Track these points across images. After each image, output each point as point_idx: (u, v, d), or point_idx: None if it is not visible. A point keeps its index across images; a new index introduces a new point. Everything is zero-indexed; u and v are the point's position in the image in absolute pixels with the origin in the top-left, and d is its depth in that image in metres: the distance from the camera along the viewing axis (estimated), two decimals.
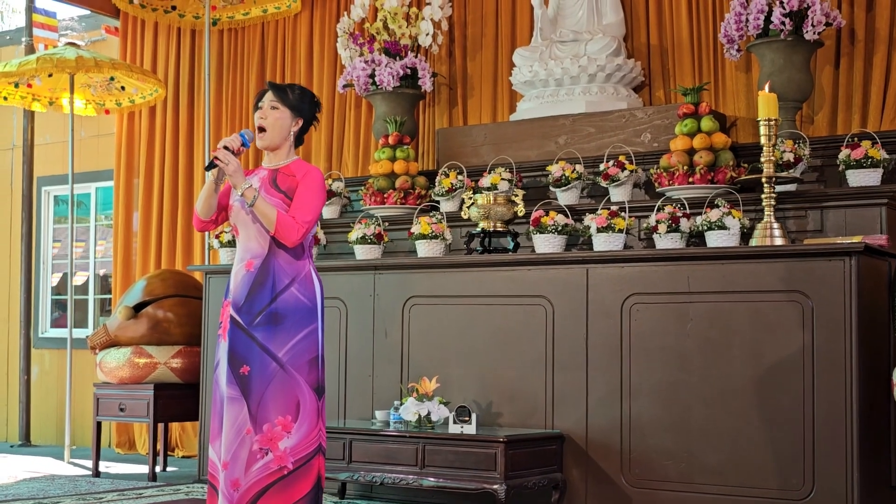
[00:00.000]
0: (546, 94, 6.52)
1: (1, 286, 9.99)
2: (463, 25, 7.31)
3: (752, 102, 6.10)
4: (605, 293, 5.24)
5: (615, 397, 5.17)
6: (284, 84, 4.17)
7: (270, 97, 4.07)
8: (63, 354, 8.96)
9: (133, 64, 8.48)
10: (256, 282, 3.96)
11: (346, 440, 5.37)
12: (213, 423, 4.02)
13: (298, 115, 4.09)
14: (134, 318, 7.05)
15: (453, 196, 6.28)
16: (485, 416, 5.47)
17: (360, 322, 5.95)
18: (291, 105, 4.07)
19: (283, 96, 4.07)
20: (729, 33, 5.86)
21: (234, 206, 4.07)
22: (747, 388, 4.85)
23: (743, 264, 4.91)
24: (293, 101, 4.07)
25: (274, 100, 4.06)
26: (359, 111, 7.61)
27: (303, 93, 4.13)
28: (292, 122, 4.08)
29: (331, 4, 7.84)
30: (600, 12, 6.62)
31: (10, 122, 10.06)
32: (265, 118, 4.05)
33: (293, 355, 3.94)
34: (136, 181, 8.74)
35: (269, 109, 4.06)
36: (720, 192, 5.45)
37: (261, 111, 4.06)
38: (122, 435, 8.55)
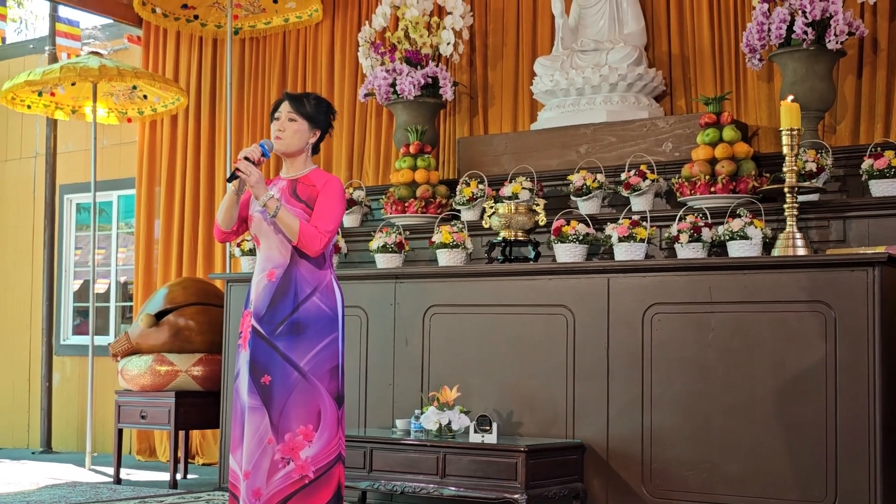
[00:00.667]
0: (567, 104, 6.53)
1: (23, 293, 10.04)
2: (484, 35, 7.32)
3: (775, 112, 6.09)
4: (627, 303, 5.23)
5: (636, 407, 5.16)
6: (301, 93, 4.18)
7: (288, 108, 4.08)
8: (84, 361, 9.01)
9: (155, 73, 8.53)
10: (278, 291, 3.98)
11: (367, 449, 5.38)
12: (234, 433, 4.03)
13: (316, 125, 4.11)
14: (155, 326, 7.08)
15: (474, 205, 6.29)
16: (505, 425, 5.47)
17: (380, 331, 5.96)
18: (309, 116, 4.09)
19: (301, 107, 4.08)
20: (751, 43, 5.85)
21: (255, 216, 4.08)
22: (769, 398, 4.83)
23: (765, 274, 4.90)
24: (311, 112, 4.09)
25: (291, 111, 4.07)
26: (380, 120, 7.63)
27: (318, 102, 4.14)
28: (310, 132, 4.10)
29: (352, 14, 7.87)
30: (621, 21, 6.61)
31: (33, 131, 10.12)
32: (283, 130, 4.07)
33: (315, 364, 3.95)
34: (157, 189, 8.78)
35: (286, 120, 4.07)
36: (742, 202, 5.44)
37: (278, 122, 4.08)
38: (142, 442, 8.58)
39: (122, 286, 9.71)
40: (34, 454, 9.23)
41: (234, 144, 8.02)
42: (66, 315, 9.88)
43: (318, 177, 4.09)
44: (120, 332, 9.37)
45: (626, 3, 6.60)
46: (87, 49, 9.24)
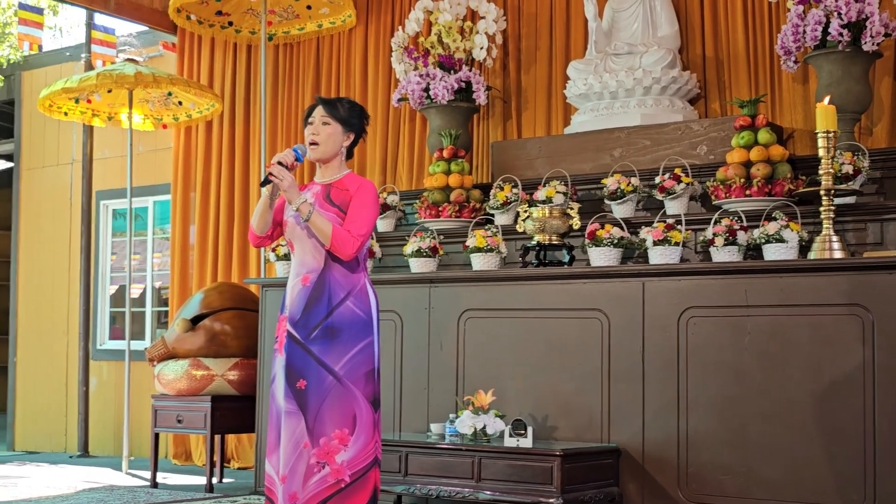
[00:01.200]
0: (601, 107, 6.51)
1: (60, 299, 10.14)
2: (517, 39, 7.32)
3: (810, 114, 6.05)
4: (662, 306, 5.21)
5: (672, 411, 5.14)
6: (334, 98, 4.20)
7: (321, 112, 4.10)
8: (121, 366, 9.08)
9: (190, 79, 8.59)
10: (312, 296, 3.99)
11: (402, 453, 5.39)
12: (270, 437, 4.05)
13: (349, 129, 4.12)
14: (191, 331, 7.13)
15: (508, 209, 6.29)
16: (540, 429, 5.46)
17: (415, 335, 5.97)
18: (343, 119, 4.10)
19: (334, 111, 4.10)
20: (786, 45, 5.81)
21: (289, 221, 4.10)
22: (806, 402, 4.80)
23: (802, 277, 4.87)
24: (344, 116, 4.11)
25: (325, 115, 4.09)
26: (413, 125, 7.65)
27: (352, 107, 4.16)
28: (344, 136, 4.11)
29: (385, 19, 7.89)
30: (655, 24, 6.60)
31: (69, 138, 10.22)
32: (317, 133, 4.09)
33: (350, 368, 3.96)
34: (192, 195, 8.84)
35: (320, 125, 4.09)
36: (778, 205, 5.41)
37: (312, 126, 4.10)
38: (178, 446, 8.63)
39: (157, 291, 9.78)
40: (72, 458, 9.31)
41: (268, 150, 8.06)
42: (102, 320, 9.96)
43: (351, 181, 4.10)
44: (156, 336, 9.44)
45: (660, 6, 6.59)
46: (122, 56, 9.32)
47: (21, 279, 10.54)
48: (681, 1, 6.68)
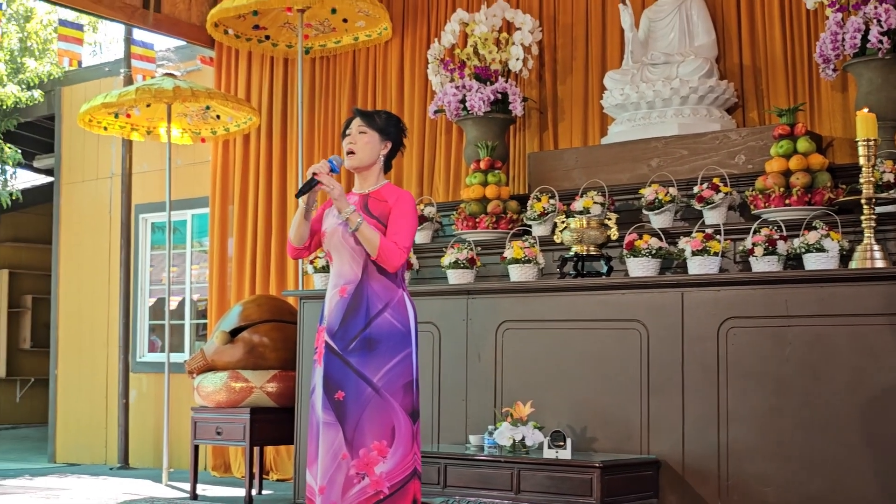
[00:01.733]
0: (638, 117, 6.50)
1: (100, 312, 10.23)
2: (553, 49, 7.32)
3: (850, 122, 6.00)
4: (701, 317, 5.18)
5: (712, 422, 5.10)
6: (371, 110, 4.23)
7: (358, 122, 4.13)
8: (160, 378, 9.14)
9: (228, 93, 8.65)
10: (350, 307, 4.00)
11: (441, 465, 5.38)
12: (310, 448, 4.06)
13: (386, 137, 4.15)
14: (230, 343, 7.16)
15: (545, 220, 6.28)
16: (579, 440, 5.44)
17: (453, 346, 5.97)
18: (379, 128, 4.13)
19: (371, 121, 4.14)
20: (825, 53, 5.77)
21: (327, 232, 4.12)
22: (849, 414, 4.75)
23: (843, 287, 4.82)
24: (380, 125, 4.14)
25: (361, 124, 4.13)
26: (450, 136, 7.66)
27: (389, 117, 4.20)
28: (381, 145, 4.14)
29: (421, 31, 7.92)
30: (692, 34, 6.58)
31: (109, 152, 10.33)
32: (354, 142, 4.12)
33: (388, 380, 3.96)
34: (230, 208, 8.89)
35: (357, 134, 4.12)
36: (818, 214, 5.36)
37: (349, 136, 4.14)
38: (217, 458, 8.67)
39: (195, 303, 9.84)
40: (112, 470, 9.38)
41: (305, 162, 8.09)
42: (142, 333, 10.04)
43: (389, 192, 4.12)
44: (195, 349, 9.49)
45: (697, 16, 6.57)
46: (161, 71, 9.40)
47: (62, 292, 10.65)
48: (718, 10, 6.66)
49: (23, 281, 14.44)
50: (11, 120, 11.92)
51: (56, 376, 10.59)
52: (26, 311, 14.42)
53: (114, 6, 8.31)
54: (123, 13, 8.41)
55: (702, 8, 6.60)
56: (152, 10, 8.53)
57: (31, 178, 13.81)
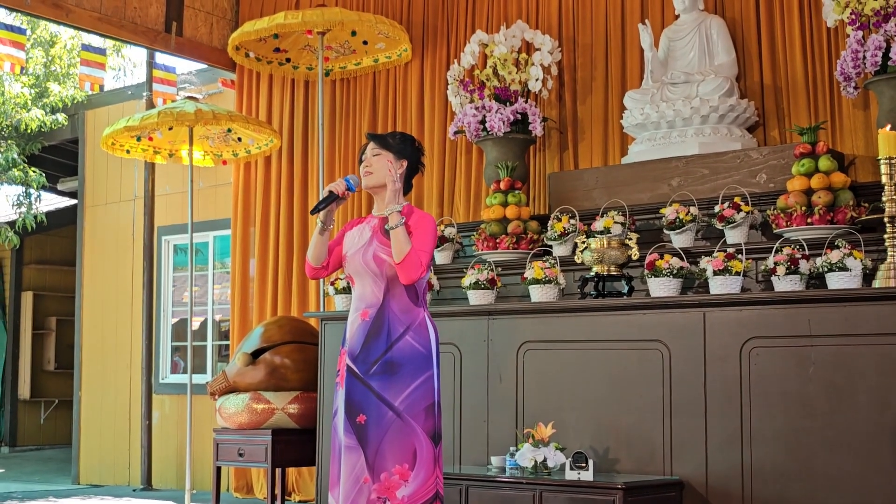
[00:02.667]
0: (658, 137, 6.49)
1: (123, 333, 10.27)
2: (573, 69, 7.32)
3: (871, 140, 5.97)
4: (723, 337, 5.15)
5: (735, 443, 5.07)
6: (384, 133, 4.25)
7: (372, 146, 4.17)
8: (183, 400, 9.17)
9: (249, 116, 8.69)
10: (372, 331, 4.01)
11: (463, 486, 5.37)
12: (333, 470, 4.06)
13: (401, 156, 4.16)
14: (252, 365, 7.17)
15: (566, 240, 6.27)
16: (601, 462, 5.41)
17: (474, 367, 5.96)
18: (393, 148, 4.15)
19: (384, 142, 4.17)
20: (846, 71, 5.75)
21: (349, 256, 4.12)
22: (875, 434, 4.70)
23: (867, 306, 4.79)
24: (394, 145, 4.16)
25: (375, 147, 4.15)
26: (469, 157, 7.67)
27: (403, 137, 4.22)
28: (396, 163, 4.14)
29: (441, 53, 7.94)
30: (712, 53, 6.57)
31: (131, 174, 10.39)
32: (369, 165, 4.14)
33: (410, 403, 3.96)
34: (252, 229, 8.93)
35: (371, 157, 4.14)
36: (840, 233, 5.33)
37: (365, 161, 4.16)
38: (240, 479, 8.67)
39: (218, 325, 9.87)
40: (135, 491, 9.40)
41: (325, 184, 8.11)
42: (164, 354, 10.07)
43: (409, 213, 4.12)
44: (217, 370, 9.51)
45: (717, 35, 6.56)
46: (182, 94, 9.47)
47: (85, 314, 10.70)
48: (737, 29, 6.65)
49: (47, 303, 14.53)
50: (36, 144, 12.03)
51: (80, 398, 10.64)
52: (51, 332, 14.50)
53: (136, 31, 8.39)
54: (146, 37, 8.49)
55: (721, 27, 6.59)
56: (174, 35, 8.60)
57: (55, 200, 13.92)
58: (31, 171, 11.95)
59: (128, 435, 10.13)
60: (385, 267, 4.02)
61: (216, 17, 8.96)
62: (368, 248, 4.06)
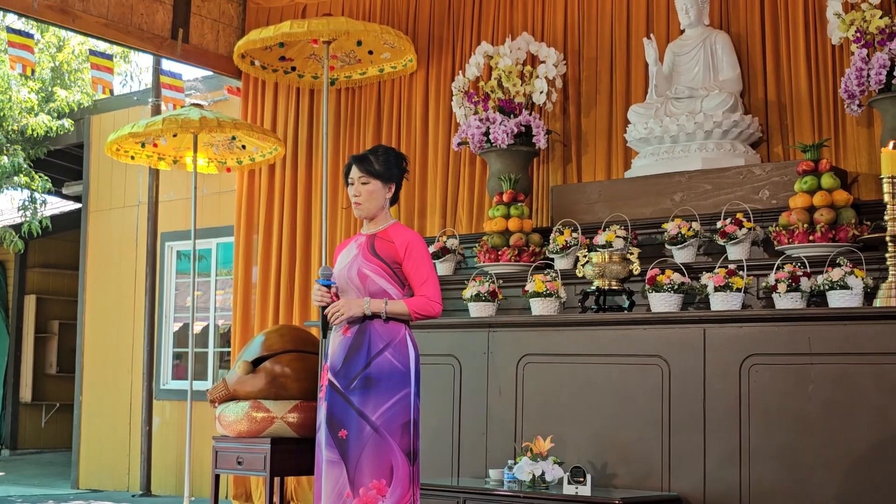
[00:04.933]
0: (661, 151, 6.48)
1: (125, 338, 10.28)
2: (577, 83, 7.33)
3: (875, 158, 5.97)
4: (723, 353, 5.14)
5: (734, 460, 5.06)
6: (367, 152, 4.24)
7: (357, 172, 4.16)
8: (183, 406, 9.17)
9: (254, 123, 8.71)
10: (353, 346, 4.05)
11: (460, 499, 5.36)
12: (317, 485, 4.09)
13: (389, 181, 4.18)
14: (252, 373, 7.16)
15: (568, 253, 6.27)
16: (600, 476, 5.40)
17: (473, 379, 5.96)
18: (380, 174, 4.16)
19: (370, 167, 4.16)
20: (850, 88, 5.75)
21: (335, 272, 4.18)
22: (874, 454, 4.69)
23: (867, 325, 4.78)
24: (380, 170, 4.17)
25: (361, 174, 4.15)
26: (473, 168, 7.67)
27: (387, 156, 4.21)
28: (385, 189, 4.18)
29: (446, 64, 7.95)
30: (716, 68, 6.57)
31: (136, 180, 10.41)
32: (359, 194, 4.16)
33: (387, 419, 3.99)
34: (255, 237, 8.93)
35: (360, 185, 4.15)
36: (842, 251, 5.33)
37: (353, 188, 4.17)
38: (238, 487, 8.67)
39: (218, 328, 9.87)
40: (134, 497, 9.40)
41: (329, 193, 8.11)
42: (166, 360, 10.08)
43: (396, 233, 4.14)
44: (218, 377, 9.51)
45: (721, 50, 6.56)
46: (188, 100, 9.49)
47: (88, 318, 10.72)
48: (742, 44, 6.65)
49: (50, 306, 14.55)
50: (41, 148, 12.06)
51: (81, 402, 10.64)
52: (53, 336, 14.52)
53: (143, 37, 8.40)
54: (152, 44, 8.50)
55: (726, 42, 6.59)
56: (180, 41, 8.61)
57: (59, 204, 13.95)
58: (36, 175, 11.98)
59: (128, 440, 10.13)
60: (368, 283, 4.05)
61: (223, 24, 8.98)
62: (353, 264, 4.10)
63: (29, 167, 11.90)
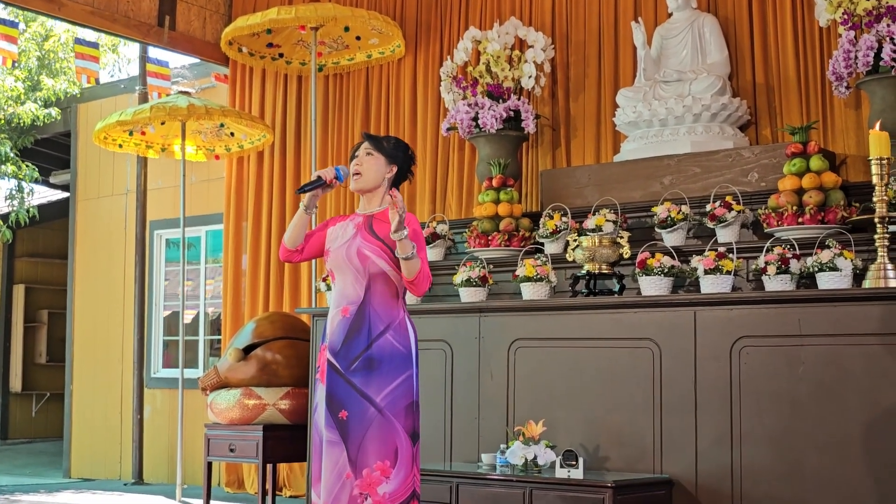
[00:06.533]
0: (650, 135, 6.49)
1: (115, 327, 10.26)
2: (565, 67, 7.32)
3: (863, 140, 5.98)
4: (714, 336, 5.16)
5: (725, 442, 5.08)
6: (381, 136, 4.27)
7: (366, 146, 4.18)
8: (174, 394, 9.17)
9: (242, 111, 8.68)
10: (353, 327, 4.03)
11: (453, 483, 5.37)
12: (314, 466, 4.10)
13: (392, 161, 4.18)
14: (243, 360, 7.17)
15: (557, 238, 6.27)
16: (592, 460, 5.42)
17: (465, 364, 5.96)
18: (386, 152, 4.17)
19: (378, 144, 4.19)
20: (837, 70, 5.76)
21: (332, 251, 4.14)
22: (864, 434, 4.72)
23: (856, 307, 4.80)
24: (388, 149, 4.18)
25: (369, 147, 4.17)
26: (462, 153, 7.67)
27: (398, 143, 4.24)
28: (387, 168, 4.17)
29: (434, 49, 7.94)
30: (704, 51, 6.57)
31: (124, 169, 10.38)
32: (360, 164, 4.15)
33: (391, 400, 3.98)
34: (244, 224, 8.92)
35: (364, 156, 4.16)
36: (831, 233, 5.34)
37: (356, 159, 4.17)
38: (231, 474, 8.67)
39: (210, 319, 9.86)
40: (126, 485, 9.40)
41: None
42: (156, 348, 10.07)
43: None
44: (209, 365, 9.51)
45: (709, 33, 6.57)
46: (176, 88, 9.45)
47: (77, 308, 10.69)
48: (730, 27, 6.65)
49: (39, 296, 14.51)
50: (28, 137, 12.00)
51: (71, 391, 10.63)
52: (42, 325, 14.49)
53: (129, 25, 8.37)
54: (139, 31, 8.47)
55: (714, 25, 6.60)
56: (167, 29, 8.58)
57: (47, 193, 13.90)
58: (23, 164, 11.93)
59: (119, 429, 10.12)
60: (368, 263, 4.04)
61: (209, 11, 8.95)
62: (352, 243, 4.07)
63: (16, 156, 11.85)
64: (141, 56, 9.84)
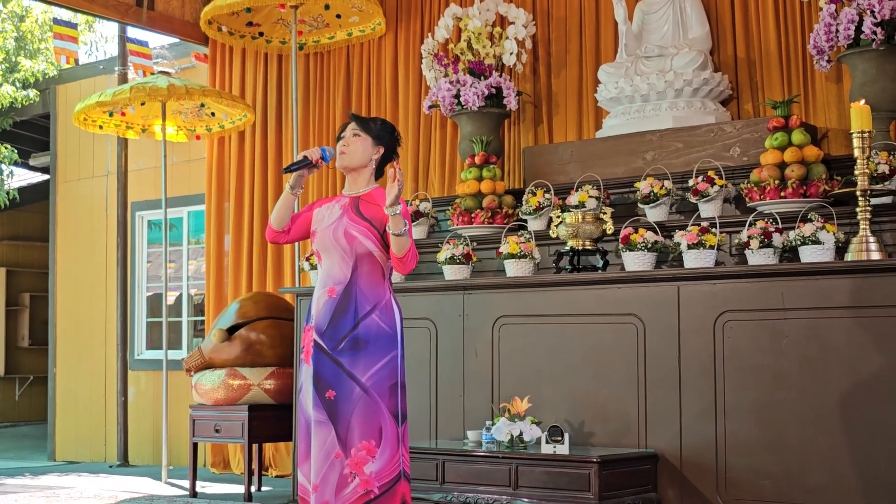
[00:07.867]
0: (632, 110, 6.49)
1: (97, 309, 10.22)
2: (547, 43, 7.31)
3: (844, 114, 6.00)
4: (697, 311, 5.18)
5: (709, 416, 5.11)
6: (368, 117, 4.27)
7: (353, 126, 4.18)
8: (158, 376, 9.15)
9: (222, 90, 8.64)
10: (339, 308, 4.03)
11: (439, 461, 5.39)
12: (301, 446, 4.10)
13: (379, 142, 4.18)
14: (228, 341, 7.16)
15: (541, 214, 6.28)
16: (577, 435, 5.45)
17: (449, 342, 5.97)
18: (373, 133, 4.17)
19: (366, 125, 4.19)
20: (819, 44, 5.77)
21: (319, 231, 4.14)
22: (846, 406, 4.75)
23: (839, 279, 4.83)
24: (375, 130, 4.18)
25: (356, 128, 4.17)
26: (444, 131, 7.65)
27: (384, 124, 4.25)
28: (373, 149, 4.17)
29: (415, 26, 7.91)
30: (686, 26, 6.57)
31: (104, 150, 10.31)
32: (347, 144, 4.15)
33: (376, 381, 3.99)
34: (226, 205, 8.89)
35: (350, 137, 4.16)
36: (813, 206, 5.36)
37: (343, 139, 4.16)
38: (217, 455, 8.68)
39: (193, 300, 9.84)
40: (111, 468, 9.39)
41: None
42: (139, 330, 10.04)
43: (381, 195, 4.12)
44: (193, 346, 9.49)
45: (690, 8, 6.56)
46: (156, 68, 9.39)
47: (59, 290, 10.65)
48: (711, 2, 6.65)
49: (21, 279, 14.45)
50: (7, 119, 11.92)
51: (55, 374, 10.59)
52: (24, 308, 14.43)
53: (107, 4, 8.30)
54: (117, 11, 8.40)
55: (695, 0, 6.59)
56: (146, 8, 8.51)
57: (27, 176, 13.81)
58: (2, 146, 11.84)
59: (104, 411, 10.10)
60: (355, 244, 4.03)
61: None
62: (339, 223, 4.07)
63: None
64: (120, 36, 9.77)
